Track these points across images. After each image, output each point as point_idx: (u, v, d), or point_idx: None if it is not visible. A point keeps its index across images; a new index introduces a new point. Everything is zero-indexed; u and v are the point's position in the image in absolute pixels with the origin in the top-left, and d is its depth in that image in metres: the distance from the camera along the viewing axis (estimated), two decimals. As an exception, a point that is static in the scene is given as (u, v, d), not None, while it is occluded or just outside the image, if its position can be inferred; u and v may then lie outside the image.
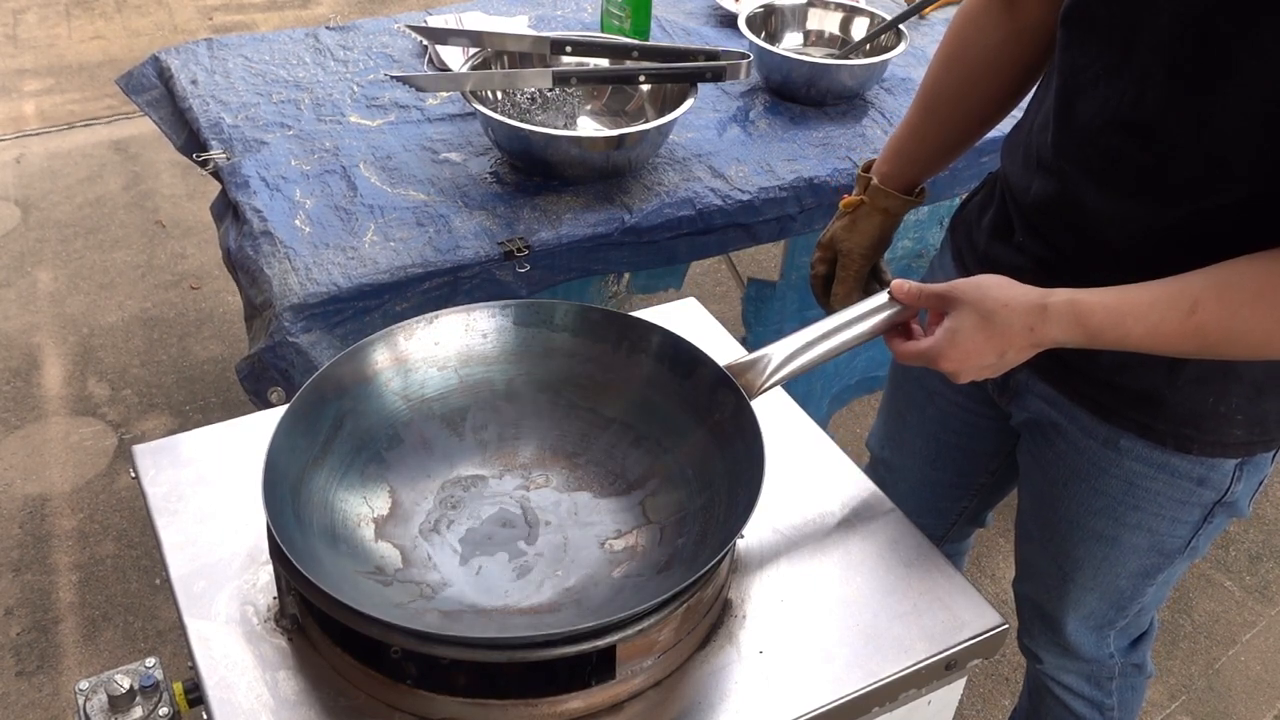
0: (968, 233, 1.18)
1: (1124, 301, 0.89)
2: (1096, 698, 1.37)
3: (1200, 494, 1.08)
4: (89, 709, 0.84)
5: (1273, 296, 0.85)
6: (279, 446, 0.86)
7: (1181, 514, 1.10)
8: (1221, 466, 1.06)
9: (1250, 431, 1.03)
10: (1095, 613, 1.24)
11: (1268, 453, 1.07)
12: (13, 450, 2.33)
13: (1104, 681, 1.36)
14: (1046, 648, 1.34)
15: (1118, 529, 1.13)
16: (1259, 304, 0.85)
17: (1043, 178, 1.02)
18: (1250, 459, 1.06)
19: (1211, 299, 0.86)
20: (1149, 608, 1.26)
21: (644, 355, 0.99)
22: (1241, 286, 0.86)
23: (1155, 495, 1.09)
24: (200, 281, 2.84)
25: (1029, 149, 1.05)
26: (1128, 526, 1.13)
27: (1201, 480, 1.07)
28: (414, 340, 0.99)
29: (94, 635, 1.95)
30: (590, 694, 0.82)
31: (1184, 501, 1.09)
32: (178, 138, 1.77)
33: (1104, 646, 1.30)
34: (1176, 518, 1.11)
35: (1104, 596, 1.21)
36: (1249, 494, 1.11)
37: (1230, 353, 0.90)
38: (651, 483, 0.95)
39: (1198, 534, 1.13)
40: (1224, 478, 1.07)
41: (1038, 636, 1.33)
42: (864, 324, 0.97)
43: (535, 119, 1.67)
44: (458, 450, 0.99)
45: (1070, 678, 1.36)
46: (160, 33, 4.07)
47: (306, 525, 0.85)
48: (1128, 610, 1.24)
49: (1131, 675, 1.37)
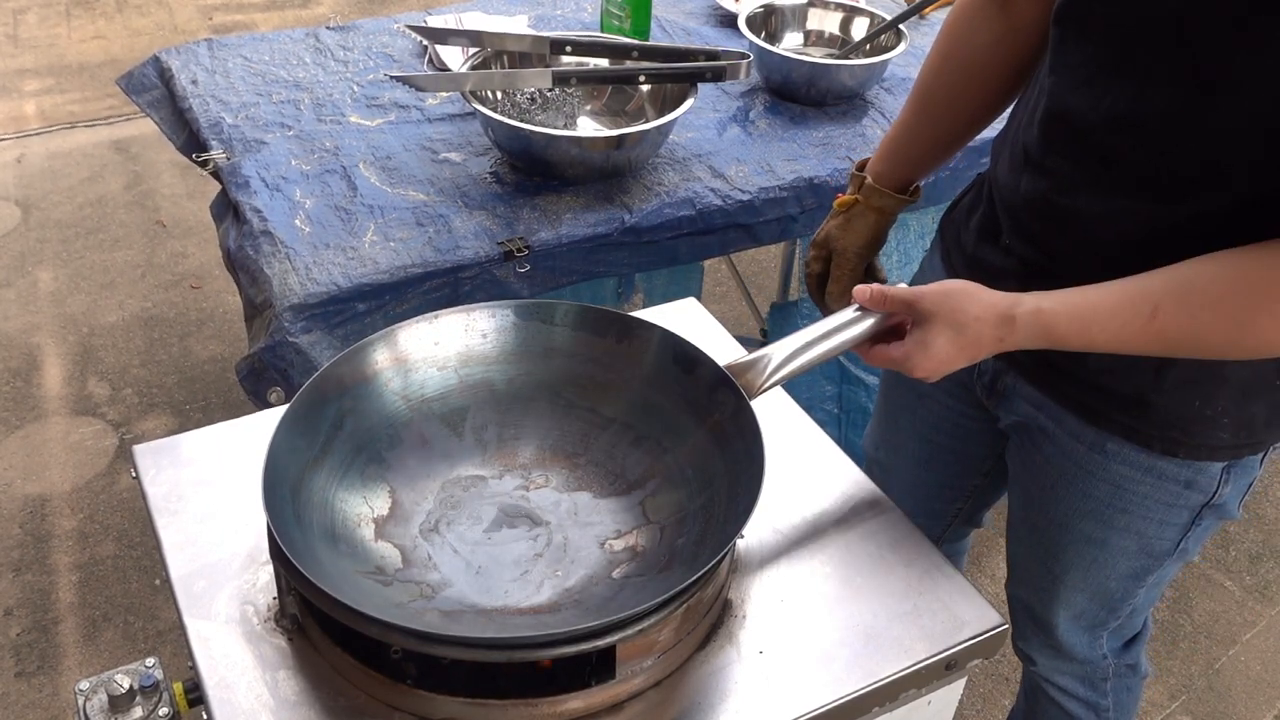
0: (956, 234, 1.18)
1: (1087, 307, 0.90)
2: (1091, 699, 1.38)
3: (1188, 497, 1.08)
4: (89, 709, 0.84)
5: (1232, 300, 0.85)
6: (279, 446, 0.86)
7: (1170, 517, 1.10)
8: (1209, 469, 1.06)
9: (1237, 435, 1.03)
10: (1086, 614, 1.24)
11: (1255, 455, 1.07)
12: (13, 450, 2.33)
13: (1098, 682, 1.36)
14: (1040, 650, 1.34)
15: (1106, 531, 1.13)
16: (1219, 307, 0.85)
17: (1031, 176, 1.02)
18: (1238, 461, 1.06)
19: (1171, 303, 0.87)
20: (1141, 609, 1.26)
21: (644, 355, 0.99)
22: (1202, 290, 0.86)
23: (1143, 498, 1.09)
24: (201, 281, 2.85)
25: (1016, 147, 1.05)
26: (1116, 529, 1.13)
27: (1189, 483, 1.07)
28: (414, 340, 0.99)
29: (94, 635, 1.95)
30: (590, 694, 0.82)
31: (1172, 504, 1.09)
32: (178, 138, 1.77)
33: (1096, 648, 1.30)
34: (1165, 520, 1.11)
35: (1094, 598, 1.21)
36: (1238, 496, 1.11)
37: (1194, 353, 0.90)
38: (651, 483, 0.95)
39: (1186, 536, 1.13)
40: (1211, 480, 1.07)
41: (1031, 639, 1.33)
42: (862, 324, 0.97)
43: (535, 119, 1.67)
44: (458, 450, 0.99)
45: (1065, 679, 1.36)
46: (160, 33, 4.07)
47: (306, 525, 0.85)
48: (1119, 611, 1.24)
49: (1126, 676, 1.37)
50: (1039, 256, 1.04)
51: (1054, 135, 0.98)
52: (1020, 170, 1.03)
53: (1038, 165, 1.01)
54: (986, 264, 1.10)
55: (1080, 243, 0.99)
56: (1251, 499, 2.34)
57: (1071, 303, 0.91)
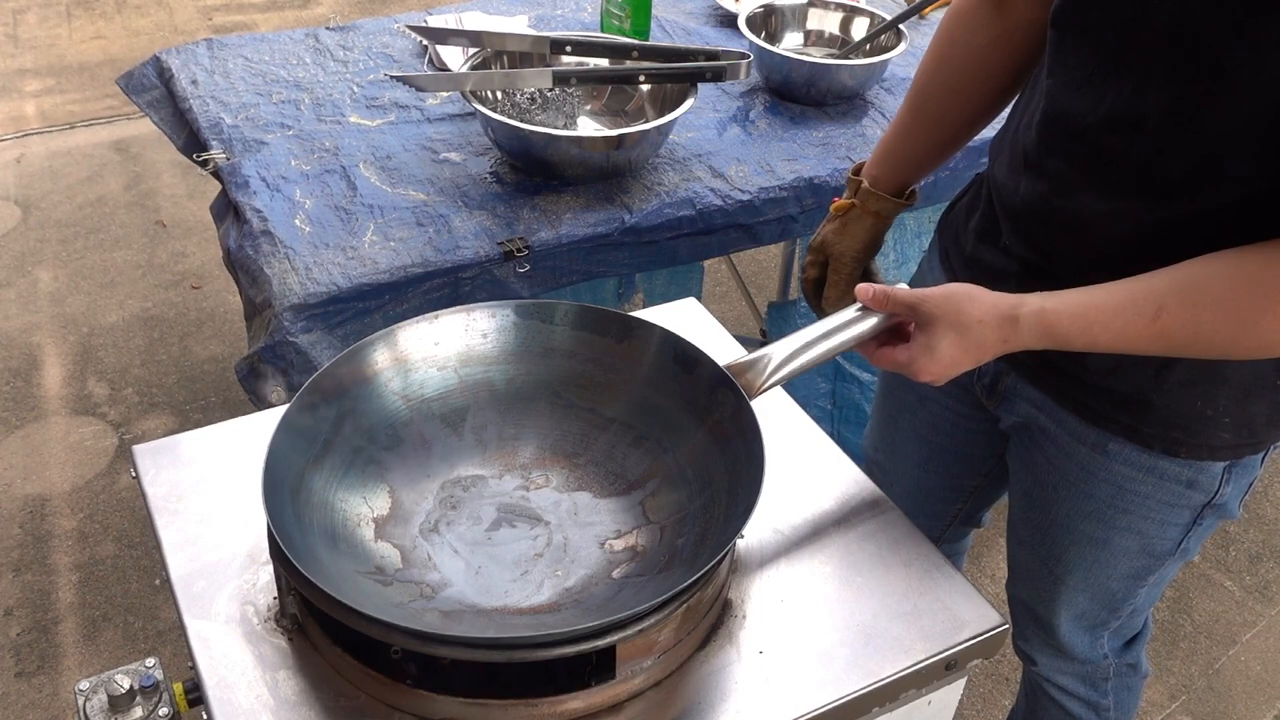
0: (955, 235, 1.18)
1: (1090, 307, 0.90)
2: (1092, 698, 1.38)
3: (1190, 496, 1.08)
4: (89, 709, 0.84)
5: (1235, 300, 0.85)
6: (279, 446, 0.86)
7: (1171, 517, 1.11)
8: (1210, 469, 1.06)
9: (1238, 434, 1.03)
10: (1087, 614, 1.24)
11: (1256, 455, 1.07)
12: (12, 450, 2.33)
13: (1099, 682, 1.36)
14: (1040, 649, 1.34)
15: (1107, 532, 1.13)
16: (1222, 307, 0.86)
17: (1030, 179, 1.02)
18: (1239, 461, 1.06)
19: (1175, 303, 0.87)
20: (1142, 609, 1.26)
21: (644, 355, 0.99)
22: (1205, 290, 0.86)
23: (1144, 499, 1.09)
24: (201, 281, 2.85)
25: (1015, 150, 1.05)
26: (1117, 529, 1.13)
27: (1190, 483, 1.07)
28: (414, 340, 0.99)
29: (94, 635, 1.95)
30: (590, 694, 0.82)
31: (1173, 504, 1.09)
32: (178, 138, 1.77)
33: (1097, 648, 1.30)
34: (1166, 520, 1.11)
35: (1095, 598, 1.21)
36: (1239, 496, 1.11)
37: (1196, 353, 0.90)
38: (651, 483, 0.95)
39: (1188, 536, 1.13)
40: (1213, 480, 1.07)
41: (1031, 639, 1.34)
42: (863, 324, 0.97)
43: (535, 119, 1.67)
44: (458, 450, 0.99)
45: (1065, 679, 1.36)
46: (160, 33, 4.08)
47: (306, 525, 0.85)
48: (1120, 611, 1.24)
49: (1127, 675, 1.37)
50: (1038, 258, 1.04)
51: (1052, 137, 0.98)
52: (1019, 172, 1.03)
53: (1036, 167, 1.01)
54: (985, 265, 1.10)
55: (1079, 244, 0.99)
56: (1252, 499, 2.34)
57: (1075, 303, 0.91)
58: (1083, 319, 0.90)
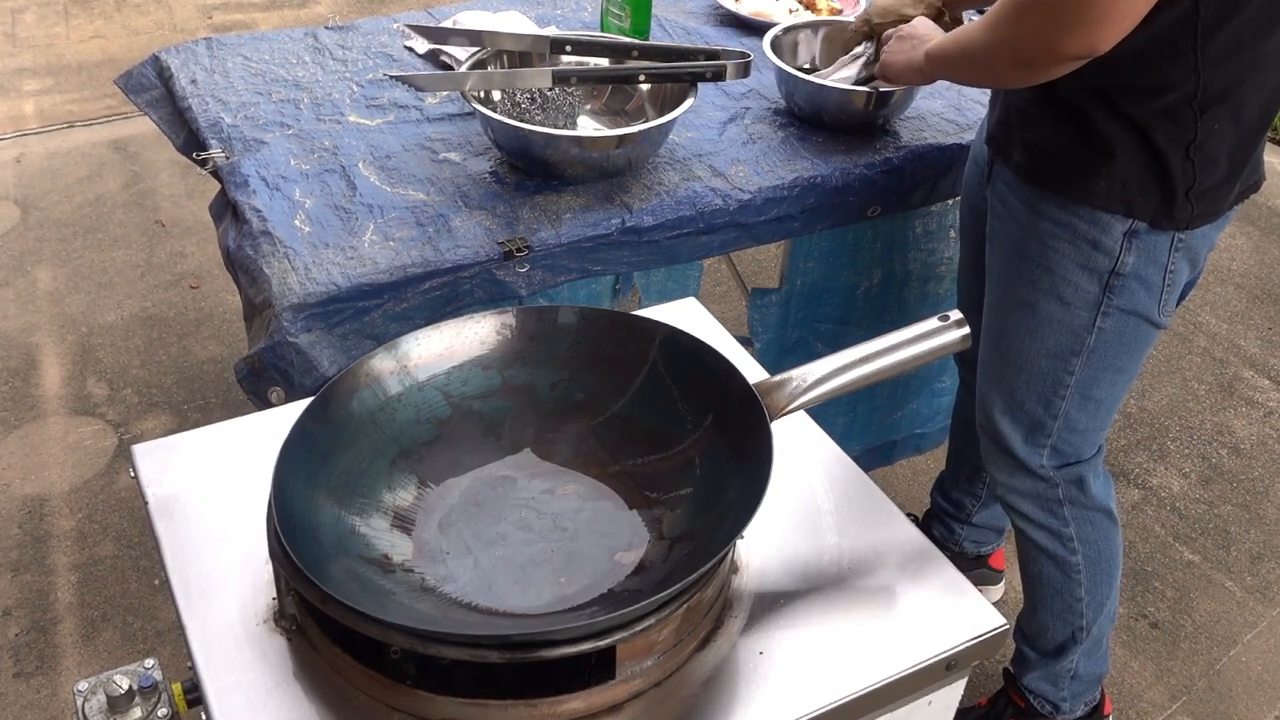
0: None
1: (945, 40, 1.37)
2: (1052, 525, 1.52)
3: (1095, 259, 1.30)
4: (88, 710, 0.84)
5: (987, 19, 1.21)
6: (295, 441, 0.87)
7: (1084, 281, 1.32)
8: (1111, 230, 1.27)
9: (1111, 185, 1.25)
10: (1024, 407, 1.44)
11: (1156, 234, 1.26)
12: (12, 450, 2.32)
13: (1054, 507, 1.51)
14: (995, 460, 1.52)
15: (1035, 293, 1.36)
16: (981, 28, 1.23)
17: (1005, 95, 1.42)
18: (1136, 235, 1.27)
19: (975, 26, 1.25)
20: (1075, 424, 1.43)
21: (687, 373, 0.99)
22: (991, 14, 1.20)
23: (1062, 256, 1.32)
24: (200, 281, 2.84)
25: None
26: (1042, 291, 1.35)
27: (1095, 244, 1.29)
28: (460, 337, 1.01)
29: (93, 636, 1.95)
30: (590, 694, 0.82)
31: (1084, 266, 1.31)
32: (177, 137, 1.77)
33: (1036, 455, 1.47)
34: (1080, 285, 1.32)
35: (1029, 381, 1.42)
36: (1147, 282, 1.30)
37: (980, 76, 1.38)
38: (672, 498, 0.95)
39: (1100, 313, 1.33)
40: (1114, 244, 1.28)
41: (989, 452, 1.53)
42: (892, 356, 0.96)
43: (535, 119, 1.67)
44: (494, 450, 1.00)
45: (1022, 502, 1.52)
46: (160, 32, 4.07)
47: (310, 525, 0.85)
48: (1053, 408, 1.42)
49: (1080, 502, 1.51)
50: None
51: None
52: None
53: None
54: None
55: None
56: (1252, 499, 2.34)
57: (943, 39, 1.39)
58: (938, 45, 1.38)
